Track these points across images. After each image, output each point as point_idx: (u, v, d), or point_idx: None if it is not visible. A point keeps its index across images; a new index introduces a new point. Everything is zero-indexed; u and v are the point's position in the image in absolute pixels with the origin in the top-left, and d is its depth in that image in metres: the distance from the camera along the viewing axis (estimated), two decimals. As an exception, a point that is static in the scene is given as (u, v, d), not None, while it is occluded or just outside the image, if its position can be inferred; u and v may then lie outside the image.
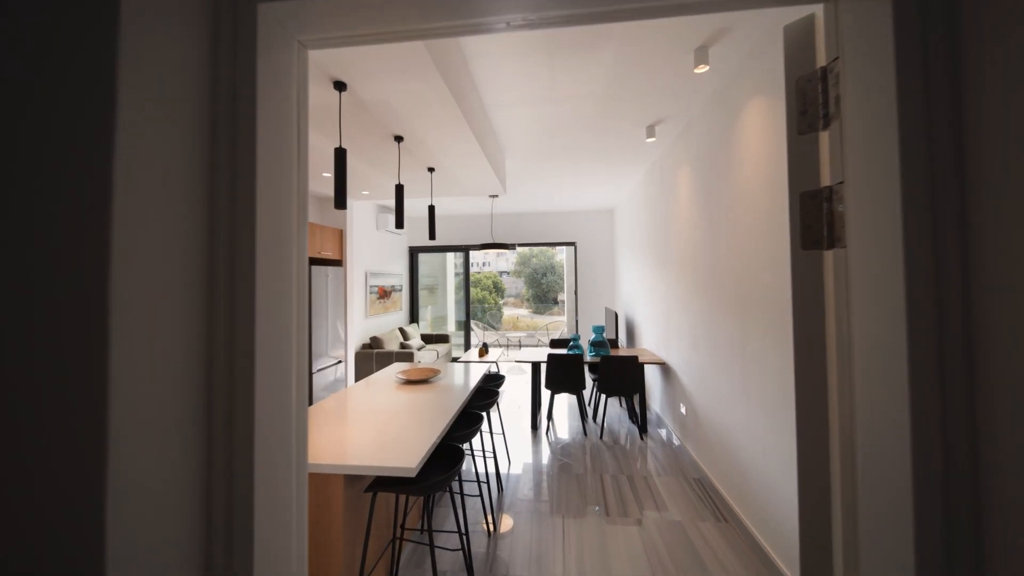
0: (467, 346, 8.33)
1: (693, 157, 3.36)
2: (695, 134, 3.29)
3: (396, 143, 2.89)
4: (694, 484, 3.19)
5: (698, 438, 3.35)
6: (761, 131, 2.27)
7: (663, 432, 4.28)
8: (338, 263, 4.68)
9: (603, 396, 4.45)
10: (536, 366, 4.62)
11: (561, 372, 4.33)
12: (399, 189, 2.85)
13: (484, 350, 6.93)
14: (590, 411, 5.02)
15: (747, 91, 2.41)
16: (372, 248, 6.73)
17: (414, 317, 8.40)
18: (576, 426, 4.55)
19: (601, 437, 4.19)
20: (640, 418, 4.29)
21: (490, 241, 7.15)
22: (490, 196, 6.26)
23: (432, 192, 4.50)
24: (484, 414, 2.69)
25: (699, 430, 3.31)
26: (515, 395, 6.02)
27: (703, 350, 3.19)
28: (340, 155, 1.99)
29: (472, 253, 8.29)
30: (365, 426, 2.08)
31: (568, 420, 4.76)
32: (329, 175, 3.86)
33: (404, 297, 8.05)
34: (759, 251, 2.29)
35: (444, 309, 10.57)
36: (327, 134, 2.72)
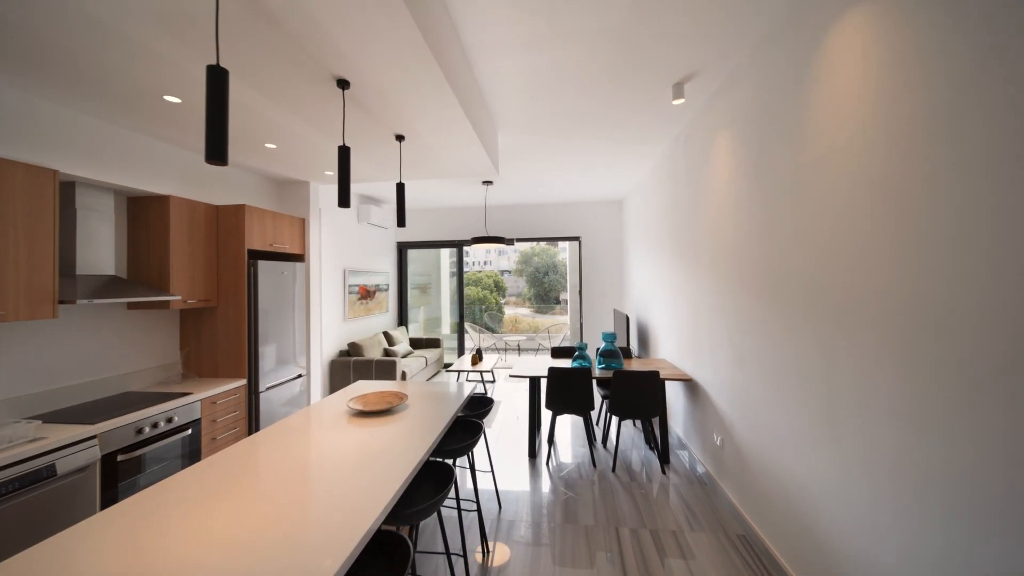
0: (460, 351, 7.58)
1: (738, 119, 2.59)
2: (742, 86, 2.52)
3: (340, 90, 2.13)
4: (740, 546, 2.43)
5: (742, 482, 2.59)
6: (870, 54, 1.50)
7: (684, 457, 3.53)
8: (299, 258, 3.93)
9: (615, 417, 3.68)
10: (535, 382, 3.86)
11: (564, 389, 3.57)
12: (343, 154, 2.09)
13: (478, 357, 6.18)
14: (599, 432, 4.26)
15: (840, -2, 1.64)
16: (353, 243, 5.99)
17: (403, 319, 7.65)
18: (582, 453, 3.79)
19: (614, 469, 3.43)
20: (660, 444, 3.53)
21: (484, 234, 6.40)
22: (483, 183, 5.51)
23: (402, 168, 3.71)
24: (466, 459, 1.96)
25: (744, 472, 2.55)
26: (515, 401, 5.26)
27: (752, 369, 2.43)
28: (214, 78, 1.24)
29: (472, 251, 7.57)
30: (265, 500, 1.34)
31: (572, 445, 4.00)
32: (273, 146, 3.09)
33: (391, 297, 7.31)
34: (868, 236, 1.53)
35: (438, 310, 9.82)
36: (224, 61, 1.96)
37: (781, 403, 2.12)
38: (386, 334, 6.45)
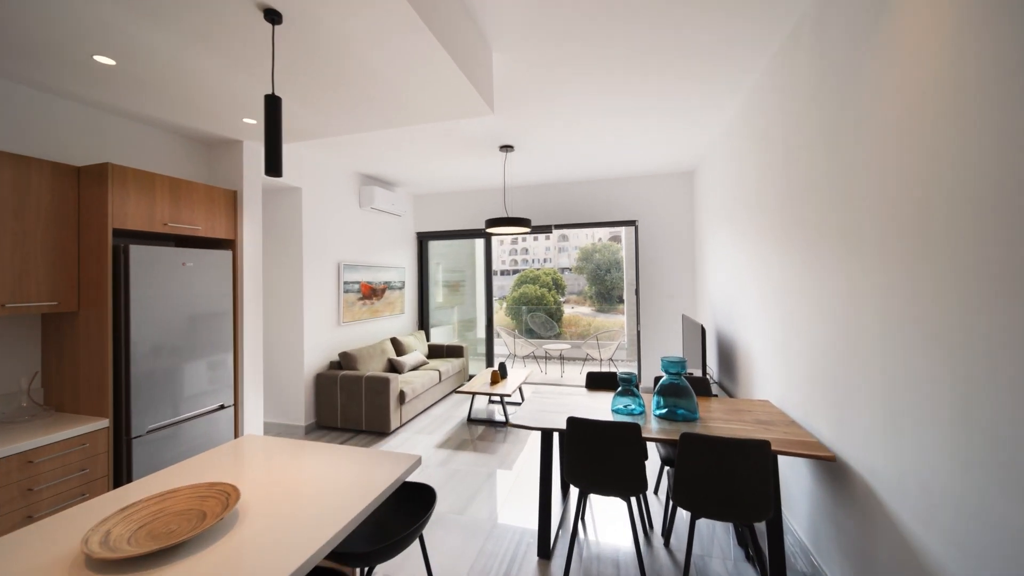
0: (489, 361, 6.34)
1: None
2: None
3: None
4: None
5: None
6: None
7: (802, 568, 1.96)
8: (227, 244, 2.89)
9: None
10: (549, 436, 2.46)
11: (596, 455, 2.15)
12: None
13: (499, 374, 4.86)
14: (657, 515, 2.75)
15: None
16: (353, 231, 4.96)
17: (423, 323, 6.58)
18: (627, 556, 2.34)
19: (681, 604, 1.96)
20: (769, 564, 2.00)
21: (504, 216, 5.04)
22: (501, 148, 4.20)
23: (275, 72, 1.97)
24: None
25: None
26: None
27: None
28: None
29: (531, 248, 6.35)
30: None
31: (612, 535, 2.56)
32: (110, 61, 1.99)
33: (408, 297, 6.25)
34: None
35: (473, 311, 8.66)
36: None
37: None
38: (395, 341, 5.38)
